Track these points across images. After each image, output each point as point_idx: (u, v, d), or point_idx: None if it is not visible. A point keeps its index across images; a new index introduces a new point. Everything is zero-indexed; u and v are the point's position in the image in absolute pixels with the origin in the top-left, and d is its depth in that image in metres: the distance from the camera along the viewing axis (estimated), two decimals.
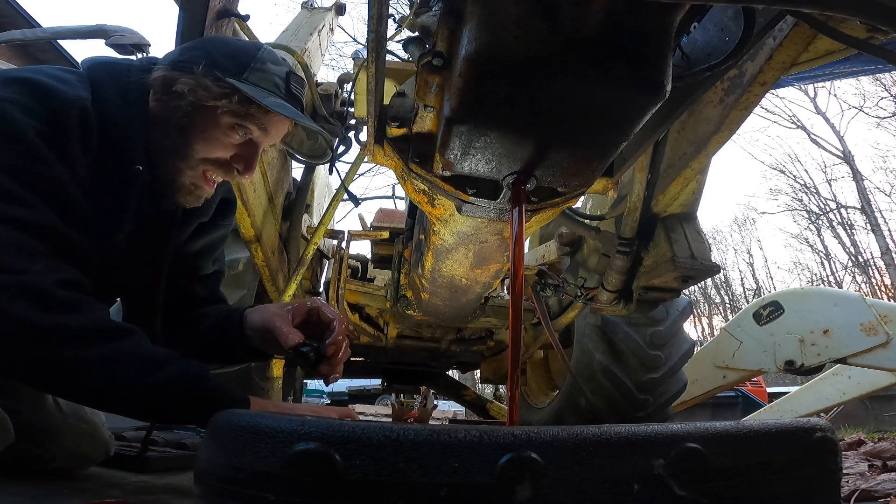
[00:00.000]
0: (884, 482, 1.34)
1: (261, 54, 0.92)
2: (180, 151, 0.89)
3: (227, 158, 0.93)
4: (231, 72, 0.87)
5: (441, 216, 1.00)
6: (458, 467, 0.44)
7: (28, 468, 1.02)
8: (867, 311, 3.22)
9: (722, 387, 3.71)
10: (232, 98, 0.86)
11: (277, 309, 0.96)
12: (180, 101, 0.86)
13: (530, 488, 0.44)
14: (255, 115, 0.90)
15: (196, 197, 0.95)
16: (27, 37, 1.88)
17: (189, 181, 0.92)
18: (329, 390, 10.62)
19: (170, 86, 0.86)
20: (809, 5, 0.47)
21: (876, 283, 17.50)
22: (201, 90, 0.85)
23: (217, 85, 0.85)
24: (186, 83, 0.85)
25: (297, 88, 0.95)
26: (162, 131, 0.88)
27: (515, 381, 0.68)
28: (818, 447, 0.56)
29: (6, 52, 6.24)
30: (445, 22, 0.62)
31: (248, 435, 0.48)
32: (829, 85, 15.77)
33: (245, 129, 0.91)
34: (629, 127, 0.65)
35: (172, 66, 0.87)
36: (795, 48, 0.96)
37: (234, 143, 0.92)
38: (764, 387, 7.88)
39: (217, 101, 0.85)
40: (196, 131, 0.88)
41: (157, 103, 0.87)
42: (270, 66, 0.92)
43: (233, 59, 0.89)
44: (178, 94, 0.85)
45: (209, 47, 0.91)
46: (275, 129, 0.95)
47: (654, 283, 1.47)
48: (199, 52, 0.89)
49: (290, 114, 0.89)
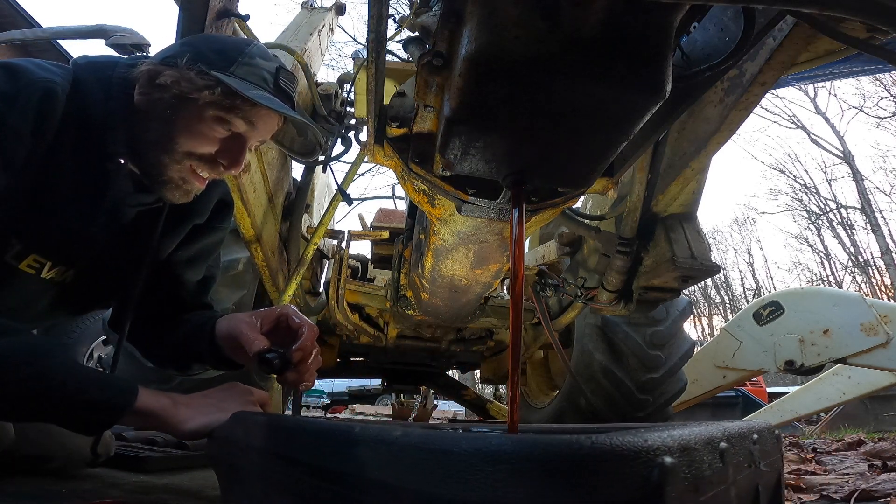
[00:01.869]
0: (884, 482, 1.34)
1: (250, 49, 0.91)
2: (164, 144, 0.88)
3: (213, 153, 0.91)
4: (217, 65, 0.86)
5: (441, 216, 1.00)
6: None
7: (28, 468, 1.02)
8: (867, 311, 3.23)
9: (722, 387, 3.71)
10: (215, 90, 0.85)
11: (246, 317, 0.94)
12: (164, 94, 0.85)
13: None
14: (240, 108, 0.88)
15: (184, 192, 0.93)
16: (27, 37, 1.88)
17: (176, 175, 0.90)
18: (329, 390, 10.63)
19: (154, 79, 0.85)
20: (809, 5, 0.47)
21: (876, 283, 17.51)
22: (185, 82, 0.84)
23: (201, 77, 0.85)
24: (170, 75, 0.84)
25: (286, 84, 0.94)
26: (146, 125, 0.87)
27: (516, 381, 0.68)
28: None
29: (6, 52, 6.24)
30: (445, 22, 0.62)
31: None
32: (829, 85, 15.78)
33: (229, 123, 0.90)
34: (629, 127, 0.65)
35: (159, 62, 0.87)
36: (795, 48, 0.96)
37: (219, 137, 0.91)
38: (764, 387, 7.89)
39: (199, 92, 0.84)
40: (180, 124, 0.87)
41: (142, 97, 0.86)
42: (259, 60, 0.91)
43: (220, 54, 0.88)
44: (161, 86, 0.85)
45: (197, 43, 0.91)
46: (262, 123, 0.93)
47: (654, 283, 1.47)
48: (187, 47, 0.89)
49: (274, 106, 0.88)
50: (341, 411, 8.35)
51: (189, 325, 1.04)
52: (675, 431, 0.40)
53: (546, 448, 0.35)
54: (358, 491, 0.46)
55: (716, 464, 0.43)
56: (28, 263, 0.87)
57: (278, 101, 0.90)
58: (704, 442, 0.42)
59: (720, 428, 0.49)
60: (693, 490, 0.38)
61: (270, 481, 0.60)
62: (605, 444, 0.35)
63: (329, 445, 0.51)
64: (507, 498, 0.35)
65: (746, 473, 0.51)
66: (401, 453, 0.42)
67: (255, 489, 0.65)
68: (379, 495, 0.44)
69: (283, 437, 0.60)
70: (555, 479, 0.34)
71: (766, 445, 0.58)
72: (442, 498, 0.38)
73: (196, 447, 1.41)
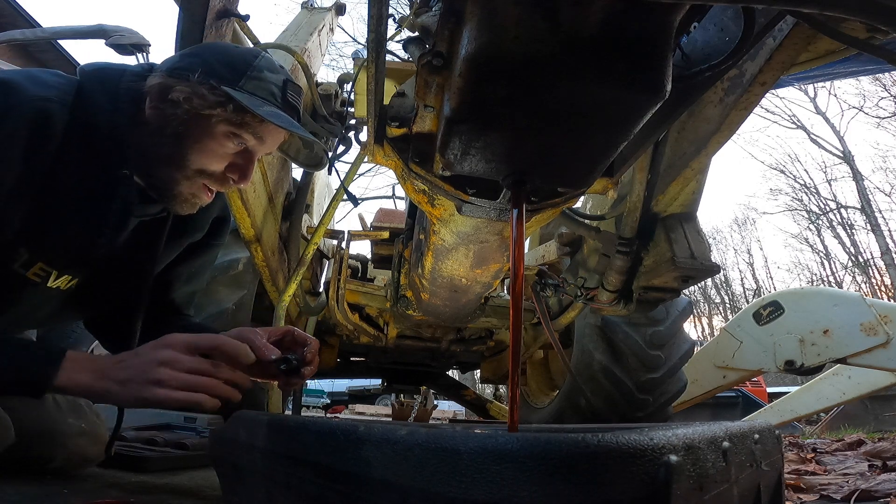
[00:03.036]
0: (884, 482, 1.34)
1: (258, 62, 0.91)
2: (176, 161, 0.88)
3: (222, 169, 0.92)
4: (227, 79, 0.86)
5: (441, 216, 1.00)
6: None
7: (28, 468, 1.02)
8: (867, 311, 3.23)
9: (722, 387, 3.71)
10: (227, 107, 0.85)
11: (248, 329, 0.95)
12: (176, 110, 0.85)
13: None
14: (250, 124, 0.89)
15: (192, 205, 0.94)
16: (27, 37, 1.88)
17: (186, 191, 0.91)
18: (329, 390, 10.63)
19: (166, 94, 0.85)
20: (809, 5, 0.47)
21: (876, 283, 17.51)
22: (197, 98, 0.84)
23: (212, 93, 0.85)
24: (182, 91, 0.84)
25: (293, 97, 0.95)
26: (158, 139, 0.87)
27: (516, 381, 0.68)
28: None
29: (6, 52, 6.24)
30: (445, 22, 0.62)
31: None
32: (829, 85, 15.79)
33: (240, 139, 0.90)
34: (629, 127, 0.65)
35: (169, 73, 0.87)
36: (795, 48, 0.96)
37: (229, 153, 0.91)
38: (764, 387, 7.89)
39: (212, 109, 0.85)
40: (191, 141, 0.87)
41: (154, 111, 0.87)
42: (267, 73, 0.91)
43: (229, 67, 0.88)
44: (173, 102, 0.85)
45: (206, 54, 0.90)
46: (270, 137, 0.95)
47: (654, 283, 1.47)
48: (197, 59, 0.88)
49: (285, 124, 0.88)
50: (341, 411, 8.36)
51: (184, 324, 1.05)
52: (680, 430, 0.40)
53: (552, 446, 0.35)
54: (363, 490, 0.46)
55: (719, 463, 0.43)
56: (34, 272, 0.88)
57: (287, 116, 0.91)
58: (708, 441, 0.43)
59: (723, 427, 0.49)
60: (698, 489, 0.39)
61: (274, 481, 0.60)
62: (612, 443, 0.35)
63: (334, 445, 0.51)
64: (514, 496, 0.35)
65: (748, 473, 0.51)
66: (407, 452, 0.42)
67: (257, 489, 0.65)
68: (385, 494, 0.44)
69: (287, 436, 0.60)
70: (561, 478, 0.34)
71: (768, 445, 0.58)
72: (448, 497, 0.38)
73: (196, 447, 1.41)
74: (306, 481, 0.54)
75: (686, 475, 0.37)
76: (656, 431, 0.38)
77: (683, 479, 0.37)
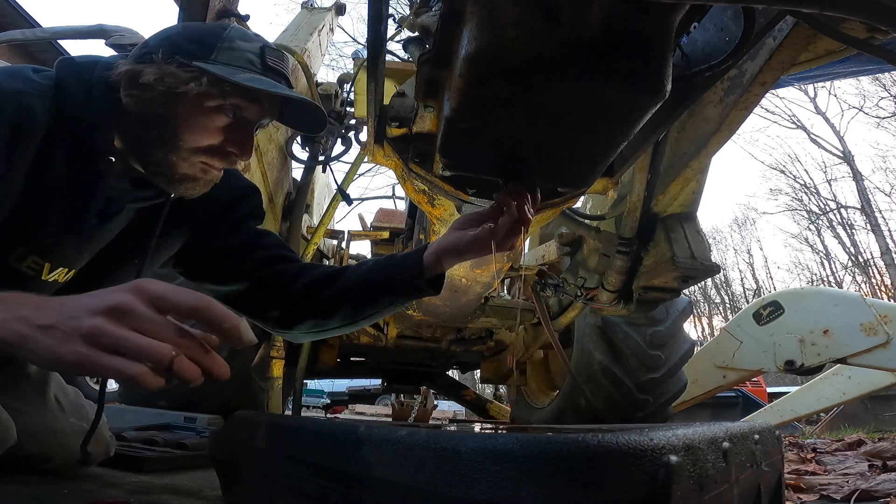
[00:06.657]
0: (884, 482, 1.34)
1: (228, 33, 0.89)
2: (168, 142, 0.87)
3: (219, 144, 0.90)
4: (197, 55, 0.84)
5: (441, 216, 1.00)
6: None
7: (28, 468, 1.02)
8: (867, 311, 3.23)
9: (722, 387, 3.72)
10: (201, 80, 0.84)
11: (452, 227, 0.87)
12: (152, 93, 0.84)
13: None
14: (232, 94, 0.87)
15: (204, 183, 0.92)
16: (27, 37, 1.88)
17: (189, 171, 0.89)
18: (329, 390, 10.63)
19: (136, 79, 0.84)
20: (809, 5, 0.47)
21: (876, 283, 17.51)
22: (168, 77, 0.83)
23: (184, 70, 0.83)
24: (152, 73, 0.83)
25: (274, 61, 0.92)
26: (144, 125, 0.86)
27: None
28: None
29: (6, 52, 6.24)
30: (445, 22, 0.62)
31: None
32: (829, 85, 15.77)
33: (226, 109, 0.88)
34: (629, 127, 0.65)
35: (136, 60, 0.86)
36: (795, 48, 0.96)
37: (221, 126, 0.89)
38: (764, 387, 7.88)
39: (186, 85, 0.83)
40: (179, 120, 0.86)
41: (130, 98, 0.85)
42: (240, 42, 0.89)
43: (197, 43, 0.86)
44: (146, 85, 0.83)
45: (172, 35, 0.89)
46: (258, 105, 0.92)
47: (654, 283, 1.47)
48: (162, 40, 0.87)
49: (265, 86, 0.86)
50: (341, 411, 8.36)
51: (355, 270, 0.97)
52: (680, 431, 0.40)
53: (552, 447, 0.35)
54: (363, 490, 0.46)
55: (719, 463, 0.43)
56: (28, 265, 0.88)
57: (269, 80, 0.88)
58: (708, 441, 0.43)
59: (723, 428, 0.49)
60: (698, 489, 0.39)
61: (274, 481, 0.60)
62: (612, 443, 0.35)
63: (334, 445, 0.51)
64: (514, 496, 0.35)
65: (748, 473, 0.51)
66: (407, 452, 0.42)
67: (257, 488, 0.65)
68: (385, 494, 0.44)
69: (287, 436, 0.60)
70: (561, 478, 0.34)
71: (768, 445, 0.58)
72: (448, 497, 0.38)
73: (196, 447, 1.41)
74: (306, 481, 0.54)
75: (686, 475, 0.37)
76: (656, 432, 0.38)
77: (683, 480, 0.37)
